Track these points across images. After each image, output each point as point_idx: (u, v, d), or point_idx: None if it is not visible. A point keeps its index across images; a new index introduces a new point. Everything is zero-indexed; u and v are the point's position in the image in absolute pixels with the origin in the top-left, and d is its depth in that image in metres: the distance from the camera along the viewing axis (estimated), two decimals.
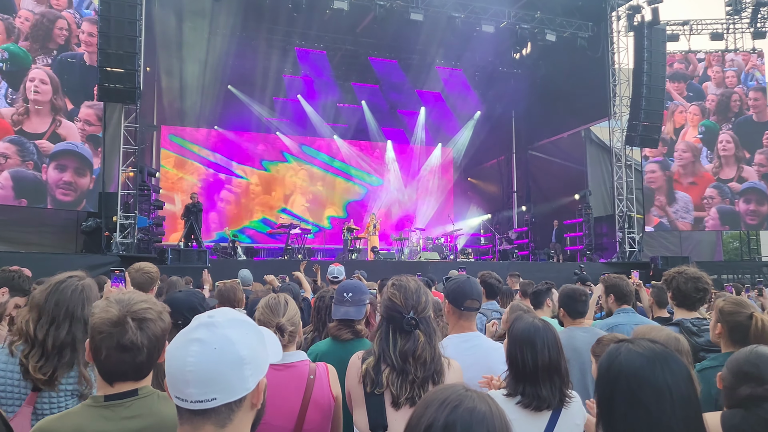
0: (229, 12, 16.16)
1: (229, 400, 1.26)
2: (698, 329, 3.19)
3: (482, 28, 16.32)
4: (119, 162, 13.21)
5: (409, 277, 2.42)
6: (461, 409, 1.11)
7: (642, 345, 1.54)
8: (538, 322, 2.42)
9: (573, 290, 3.86)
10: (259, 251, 19.62)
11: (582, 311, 3.77)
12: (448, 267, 11.71)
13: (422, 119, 22.59)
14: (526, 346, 2.34)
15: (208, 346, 1.25)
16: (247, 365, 1.27)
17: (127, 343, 1.68)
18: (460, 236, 20.03)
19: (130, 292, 1.85)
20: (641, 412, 1.45)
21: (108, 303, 1.75)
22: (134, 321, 1.70)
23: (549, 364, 2.31)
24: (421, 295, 2.33)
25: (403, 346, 2.24)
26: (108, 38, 12.04)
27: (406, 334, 2.26)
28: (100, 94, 12.38)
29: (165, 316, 1.79)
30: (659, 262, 15.14)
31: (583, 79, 18.09)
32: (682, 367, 1.51)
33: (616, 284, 4.18)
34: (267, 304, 2.56)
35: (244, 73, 19.16)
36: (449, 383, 1.37)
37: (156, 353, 1.74)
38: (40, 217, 12.79)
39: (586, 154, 18.37)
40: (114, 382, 1.72)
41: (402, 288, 2.34)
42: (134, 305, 1.73)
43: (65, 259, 11.55)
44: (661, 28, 16.44)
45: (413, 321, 2.25)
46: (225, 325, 1.29)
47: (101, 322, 1.71)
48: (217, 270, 11.31)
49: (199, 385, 1.24)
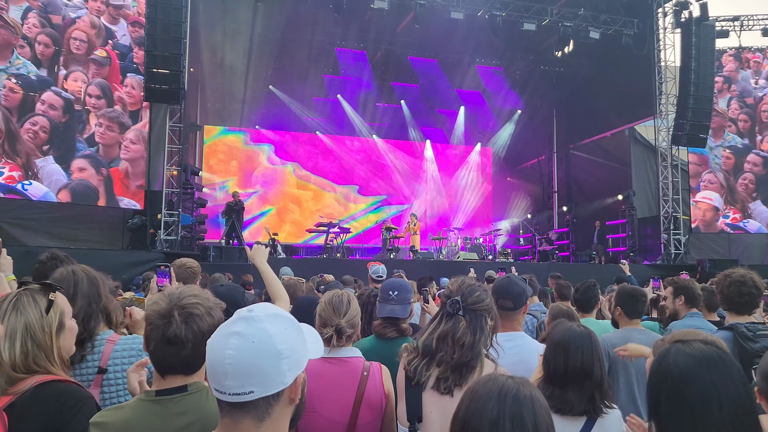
0: (271, 13, 16.36)
1: (267, 393, 1.27)
2: (754, 334, 3.07)
3: (524, 26, 16.13)
4: (164, 161, 13.52)
5: (471, 278, 2.50)
6: (521, 398, 1.11)
7: (693, 346, 1.54)
8: (578, 328, 2.41)
9: (633, 290, 3.78)
10: (298, 249, 19.82)
11: (641, 311, 3.70)
12: (486, 267, 11.60)
13: (462, 118, 22.44)
14: (560, 350, 2.35)
15: (246, 339, 1.26)
16: (285, 359, 1.28)
17: (171, 336, 1.70)
18: (498, 236, 19.84)
19: (186, 287, 1.87)
20: (686, 411, 1.45)
21: (160, 296, 1.80)
22: (180, 315, 1.72)
23: (580, 369, 2.30)
24: (475, 289, 2.37)
25: (444, 328, 2.29)
26: (154, 40, 12.33)
27: (450, 318, 2.30)
28: (147, 94, 12.69)
29: (216, 312, 1.80)
30: (707, 265, 14.70)
31: (628, 77, 17.71)
32: (733, 369, 1.50)
33: (688, 286, 4.09)
34: (330, 301, 2.58)
35: (285, 73, 19.37)
36: (488, 374, 1.39)
37: (204, 348, 1.73)
38: (89, 214, 13.19)
39: (630, 154, 17.95)
40: (165, 375, 1.75)
41: (458, 281, 2.42)
42: (183, 299, 1.76)
43: (112, 255, 11.89)
44: (709, 24, 15.98)
45: (456, 304, 2.29)
46: (264, 319, 1.30)
47: (151, 313, 1.75)
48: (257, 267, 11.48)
49: (237, 378, 1.25)
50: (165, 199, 13.30)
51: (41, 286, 1.95)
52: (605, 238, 17.99)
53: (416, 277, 7.21)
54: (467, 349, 2.23)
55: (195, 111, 18.81)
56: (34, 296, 1.91)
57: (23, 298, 1.90)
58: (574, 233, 19.83)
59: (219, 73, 18.45)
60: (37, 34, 12.61)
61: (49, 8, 12.82)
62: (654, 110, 17.04)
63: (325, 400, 2.32)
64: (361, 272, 8.93)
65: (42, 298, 1.91)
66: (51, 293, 1.94)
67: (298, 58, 18.86)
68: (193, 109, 18.48)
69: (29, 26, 12.56)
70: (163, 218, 13.01)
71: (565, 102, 21.56)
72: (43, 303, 1.90)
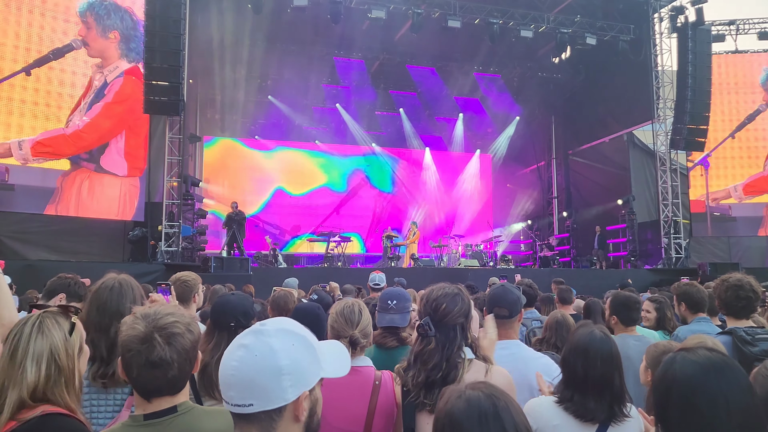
0: (270, 24, 16.43)
1: (266, 408, 1.28)
2: (752, 338, 3.07)
3: (521, 33, 16.20)
4: (164, 172, 13.55)
5: (444, 284, 2.43)
6: (500, 413, 1.17)
7: (698, 353, 1.54)
8: (598, 333, 2.38)
9: (627, 297, 3.79)
10: (299, 259, 19.81)
11: (635, 318, 3.72)
12: (488, 274, 11.61)
13: (460, 126, 22.48)
14: (579, 354, 2.32)
15: (251, 352, 1.29)
16: (286, 375, 1.28)
17: (156, 360, 1.67)
18: (499, 243, 19.84)
19: (157, 305, 1.85)
20: (696, 419, 1.45)
21: (134, 319, 1.74)
22: (161, 336, 1.68)
23: (600, 377, 2.27)
24: (440, 301, 2.34)
25: (416, 348, 2.33)
26: (153, 52, 12.39)
27: (422, 338, 2.33)
28: (146, 106, 12.72)
29: (193, 327, 1.78)
30: (708, 269, 14.69)
31: (625, 82, 17.78)
32: (740, 375, 1.50)
33: (686, 291, 4.07)
34: (341, 312, 2.58)
35: (284, 83, 19.44)
36: (455, 389, 1.41)
37: (188, 365, 1.74)
38: (88, 227, 13.20)
39: (629, 159, 18.01)
40: (151, 399, 1.71)
41: (425, 296, 2.40)
42: (160, 320, 1.71)
43: (113, 268, 11.85)
44: (705, 29, 16.04)
45: (427, 326, 2.30)
46: (272, 333, 1.32)
47: (129, 339, 1.70)
48: (258, 278, 11.50)
49: (238, 390, 1.28)
50: (165, 210, 13.32)
51: (60, 309, 1.92)
52: (606, 243, 17.98)
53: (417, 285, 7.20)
54: (435, 368, 2.25)
55: (194, 122, 18.86)
56: (57, 319, 1.88)
57: (47, 321, 1.86)
58: (574, 239, 19.82)
59: (218, 84, 18.51)
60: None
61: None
62: (652, 115, 17.08)
63: (337, 410, 2.31)
64: (362, 281, 8.92)
65: (65, 321, 1.89)
66: (73, 315, 1.92)
67: (296, 69, 18.92)
68: (193, 121, 18.54)
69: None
70: (163, 230, 13.02)
71: (563, 108, 21.61)
72: (66, 326, 1.88)
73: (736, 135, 17.82)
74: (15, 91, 12.41)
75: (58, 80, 12.83)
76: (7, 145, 12.21)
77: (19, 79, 12.40)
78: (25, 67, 12.41)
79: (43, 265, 10.39)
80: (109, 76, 13.36)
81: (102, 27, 13.31)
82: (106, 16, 13.40)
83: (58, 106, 12.82)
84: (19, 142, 12.32)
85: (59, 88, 12.86)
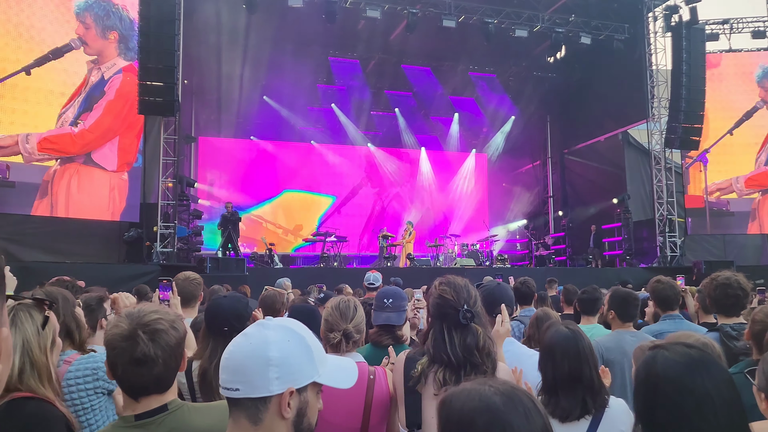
0: (264, 24, 16.41)
1: (251, 395, 1.32)
2: (738, 334, 3.14)
3: (516, 33, 16.25)
4: (159, 173, 13.53)
5: (456, 276, 2.40)
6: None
7: (677, 351, 1.52)
8: (563, 331, 2.38)
9: (627, 293, 3.80)
10: (295, 259, 19.80)
11: (633, 315, 3.73)
12: (484, 273, 11.62)
13: (456, 125, 22.51)
14: (548, 356, 2.35)
15: (247, 339, 1.37)
16: (274, 367, 1.32)
17: (140, 357, 1.65)
18: (495, 242, 19.88)
19: (141, 304, 1.86)
20: (684, 420, 1.44)
21: (118, 318, 1.75)
22: (145, 333, 1.67)
23: (568, 374, 2.28)
24: (470, 290, 2.32)
25: (463, 341, 2.21)
26: (148, 53, 12.36)
27: (463, 329, 2.23)
28: (141, 107, 12.67)
29: (178, 325, 1.77)
30: (703, 267, 14.75)
31: (620, 81, 17.84)
32: (722, 371, 1.50)
33: (655, 289, 4.02)
34: (337, 307, 2.60)
35: (279, 83, 19.41)
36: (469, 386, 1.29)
37: (173, 362, 1.73)
38: (84, 228, 13.16)
39: (624, 158, 18.06)
40: (139, 398, 1.70)
41: (451, 284, 2.32)
42: (144, 317, 1.71)
43: (109, 269, 11.88)
44: (699, 28, 16.10)
45: (469, 314, 2.22)
46: (272, 327, 1.38)
47: (113, 337, 1.69)
48: (254, 278, 11.49)
49: (228, 372, 1.35)
50: (161, 211, 13.30)
51: (35, 302, 1.89)
52: (601, 242, 18.03)
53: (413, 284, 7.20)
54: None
55: (190, 122, 18.83)
56: (30, 312, 1.87)
57: (20, 314, 1.85)
58: (570, 237, 19.86)
59: (213, 84, 18.48)
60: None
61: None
62: (647, 114, 17.14)
63: (332, 406, 2.32)
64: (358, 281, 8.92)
65: (38, 314, 1.87)
66: (47, 309, 1.89)
67: (291, 68, 18.90)
68: (188, 121, 18.51)
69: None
70: (159, 230, 13.01)
71: (558, 107, 21.65)
72: (39, 319, 1.86)
73: (734, 132, 17.82)
74: (17, 90, 12.42)
75: (59, 80, 12.87)
76: (15, 137, 12.22)
77: (19, 78, 12.40)
78: (24, 67, 12.39)
79: (39, 267, 10.38)
80: (106, 72, 13.32)
81: (101, 27, 13.27)
82: (106, 16, 13.35)
83: (59, 105, 12.83)
84: (27, 135, 12.32)
85: (62, 87, 12.92)
